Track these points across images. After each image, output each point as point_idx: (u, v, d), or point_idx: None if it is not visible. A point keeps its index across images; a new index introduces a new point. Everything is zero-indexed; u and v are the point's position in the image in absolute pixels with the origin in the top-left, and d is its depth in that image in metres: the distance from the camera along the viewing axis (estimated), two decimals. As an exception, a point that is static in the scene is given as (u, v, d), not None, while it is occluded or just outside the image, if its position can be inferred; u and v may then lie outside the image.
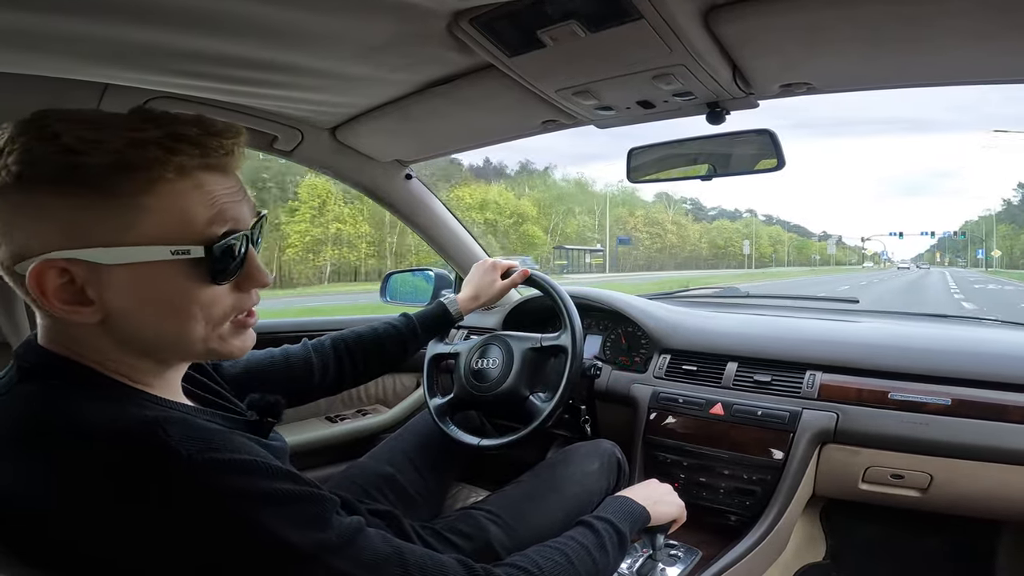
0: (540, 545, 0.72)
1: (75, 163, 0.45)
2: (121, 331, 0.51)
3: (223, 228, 0.51)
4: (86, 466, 0.45)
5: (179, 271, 0.50)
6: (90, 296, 0.48)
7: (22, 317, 1.09)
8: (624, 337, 1.54)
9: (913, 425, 1.11)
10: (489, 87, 1.02)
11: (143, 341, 0.52)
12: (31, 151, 0.45)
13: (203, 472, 0.46)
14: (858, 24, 0.78)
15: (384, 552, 0.54)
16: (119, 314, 0.50)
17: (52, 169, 0.45)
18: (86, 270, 0.48)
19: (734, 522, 1.25)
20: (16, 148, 0.45)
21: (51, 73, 0.87)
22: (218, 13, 0.73)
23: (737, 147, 1.18)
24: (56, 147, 0.45)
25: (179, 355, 0.56)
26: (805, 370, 1.24)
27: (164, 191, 0.48)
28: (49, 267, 0.47)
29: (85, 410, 0.47)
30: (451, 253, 1.72)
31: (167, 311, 0.51)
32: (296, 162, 1.37)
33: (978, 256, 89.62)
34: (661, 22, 0.76)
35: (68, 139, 0.45)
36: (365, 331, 1.06)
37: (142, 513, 0.45)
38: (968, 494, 1.12)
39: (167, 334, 0.52)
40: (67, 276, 0.47)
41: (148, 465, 0.45)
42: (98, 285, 0.48)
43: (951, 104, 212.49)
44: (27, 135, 0.45)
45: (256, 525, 0.47)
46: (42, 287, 0.47)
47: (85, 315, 0.49)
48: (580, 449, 1.12)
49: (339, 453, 1.54)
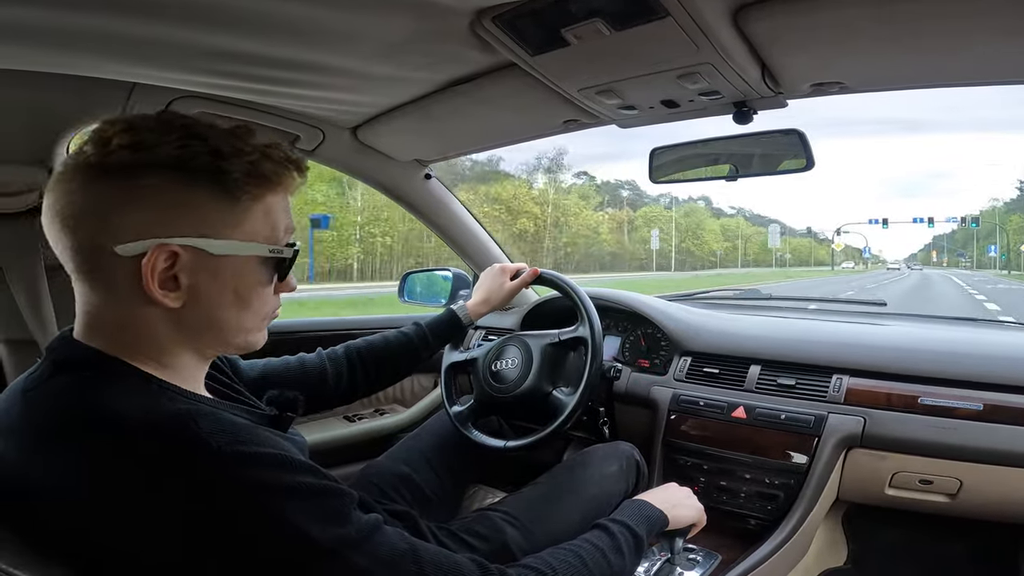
0: (554, 547, 0.71)
1: (223, 167, 0.52)
2: (190, 317, 0.55)
3: (290, 237, 0.60)
4: (118, 458, 0.46)
5: (258, 268, 0.57)
6: (181, 282, 0.53)
7: (50, 315, 1.11)
8: (644, 339, 1.52)
9: (943, 430, 1.08)
10: (511, 86, 1.01)
11: (204, 330, 0.57)
12: (189, 147, 0.51)
13: (231, 464, 0.47)
14: (890, 22, 0.76)
15: (401, 549, 0.54)
16: (198, 301, 0.54)
17: (199, 166, 0.51)
18: (193, 257, 0.52)
19: (754, 526, 1.23)
20: (173, 139, 0.50)
21: (81, 72, 0.89)
22: (243, 11, 0.74)
23: (762, 147, 1.17)
24: (206, 147, 0.51)
25: (222, 343, 0.59)
26: (832, 374, 1.22)
27: (268, 199, 0.56)
28: (164, 250, 0.51)
29: (118, 403, 0.48)
30: (470, 253, 1.72)
31: (237, 301, 0.57)
32: (317, 162, 1.38)
33: (989, 253, 76.95)
34: (688, 20, 0.75)
35: (215, 142, 0.52)
36: (377, 340, 1.07)
37: (170, 504, 0.46)
38: (998, 500, 1.10)
39: (228, 320, 0.57)
40: (171, 260, 0.51)
41: (179, 457, 0.46)
42: (195, 272, 0.53)
43: (945, 104, 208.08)
44: (181, 129, 0.51)
45: (280, 518, 0.48)
46: (152, 268, 0.50)
47: (171, 299, 0.52)
48: (599, 451, 1.11)
49: (356, 452, 1.54)
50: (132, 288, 0.51)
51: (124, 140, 0.49)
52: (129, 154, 0.49)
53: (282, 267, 0.59)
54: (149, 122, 0.51)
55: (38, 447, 0.48)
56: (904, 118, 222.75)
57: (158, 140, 0.50)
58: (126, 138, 0.50)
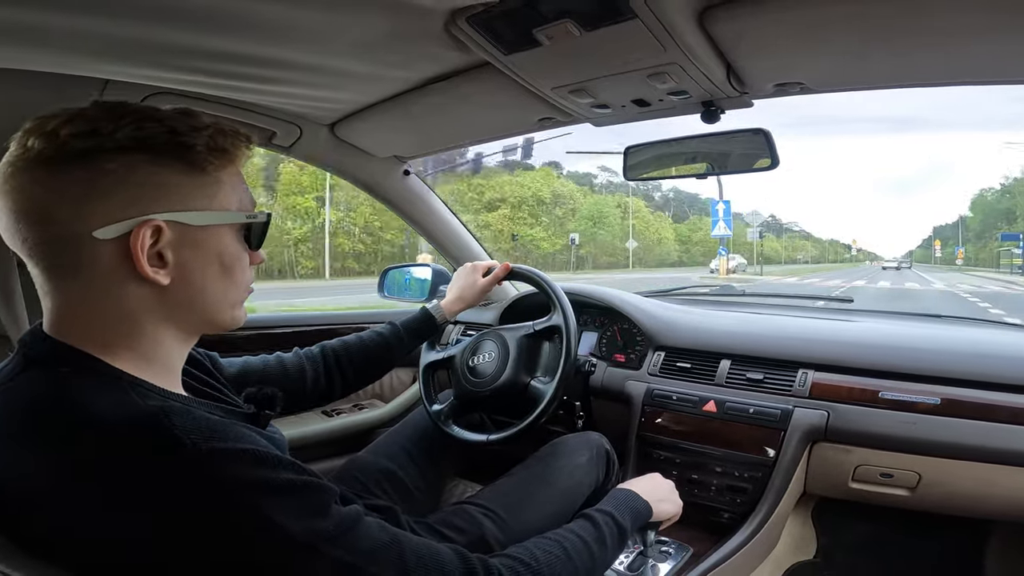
0: (539, 537, 0.72)
1: (183, 142, 0.53)
2: (178, 294, 0.55)
3: (255, 207, 0.61)
4: (90, 457, 0.46)
5: (235, 237, 0.59)
6: (167, 258, 0.53)
7: (21, 310, 1.10)
8: (619, 334, 1.55)
9: (903, 424, 1.11)
10: (486, 85, 1.02)
11: (192, 305, 0.57)
12: (146, 127, 0.51)
13: (206, 462, 0.46)
14: (852, 24, 0.78)
15: (382, 540, 0.54)
16: (186, 275, 0.55)
17: (160, 144, 0.52)
18: (176, 231, 0.53)
19: (726, 519, 1.26)
20: (126, 124, 0.51)
21: (52, 69, 0.88)
22: (216, 9, 0.74)
23: (733, 146, 1.19)
24: (163, 127, 0.52)
25: (208, 321, 0.60)
26: (797, 368, 1.25)
27: (231, 171, 0.58)
28: (148, 226, 0.51)
29: (89, 398, 0.48)
30: (449, 249, 1.73)
31: (223, 273, 0.58)
32: (295, 158, 1.38)
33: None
34: (655, 21, 0.77)
35: (171, 123, 0.53)
36: (352, 341, 1.07)
37: (145, 503, 0.45)
38: (956, 493, 1.13)
39: (216, 293, 0.58)
40: (155, 237, 0.52)
41: (152, 455, 0.46)
42: (179, 246, 0.54)
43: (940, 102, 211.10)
44: (132, 114, 0.52)
45: (257, 514, 0.47)
46: (137, 246, 0.51)
47: (161, 276, 0.53)
48: (569, 442, 1.12)
49: (336, 448, 1.55)
50: (114, 272, 0.51)
51: (74, 129, 0.49)
52: (84, 141, 0.49)
53: (254, 235, 0.61)
54: (96, 111, 0.51)
55: (8, 444, 0.48)
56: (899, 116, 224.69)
57: (114, 125, 0.50)
58: (76, 127, 0.49)
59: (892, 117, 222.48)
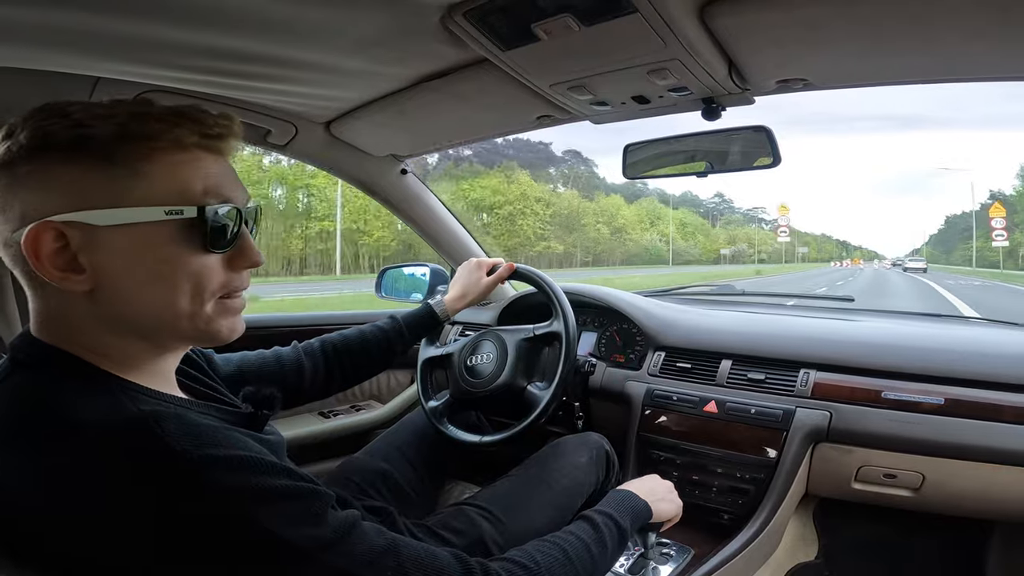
0: (538, 540, 0.71)
1: (83, 133, 0.48)
2: (109, 303, 0.51)
3: (218, 200, 0.53)
4: (77, 463, 0.45)
5: (171, 236, 0.51)
6: (82, 263, 0.49)
7: (14, 312, 1.08)
8: (619, 334, 1.53)
9: (906, 424, 1.10)
10: (483, 82, 1.01)
11: (130, 316, 0.52)
12: (44, 127, 0.48)
13: (198, 469, 0.45)
14: (855, 20, 0.77)
15: (379, 546, 0.53)
16: (108, 282, 0.50)
17: (61, 140, 0.48)
18: (82, 234, 0.49)
19: (727, 521, 1.25)
20: (29, 126, 0.48)
21: (43, 67, 0.87)
22: (209, 6, 0.73)
23: (733, 144, 1.18)
24: (68, 122, 0.48)
25: (167, 333, 0.55)
26: (799, 368, 1.24)
27: (162, 160, 0.51)
28: (46, 229, 0.48)
29: (77, 403, 0.47)
30: (447, 249, 1.72)
31: (154, 278, 0.52)
32: (291, 156, 1.37)
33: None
34: (656, 16, 0.76)
35: (79, 115, 0.49)
36: (352, 334, 1.06)
37: (135, 510, 0.44)
38: (960, 494, 1.12)
39: (153, 304, 0.52)
40: (62, 240, 0.49)
41: (142, 462, 0.44)
42: (91, 250, 0.49)
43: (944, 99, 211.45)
44: (41, 115, 0.49)
45: (251, 522, 0.46)
46: (37, 251, 0.48)
47: (76, 283, 0.50)
48: (569, 442, 1.12)
49: (332, 449, 1.54)
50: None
51: None
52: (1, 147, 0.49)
53: (210, 234, 0.52)
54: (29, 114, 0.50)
55: None
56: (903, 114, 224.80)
57: (19, 127, 0.49)
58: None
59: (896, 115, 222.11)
